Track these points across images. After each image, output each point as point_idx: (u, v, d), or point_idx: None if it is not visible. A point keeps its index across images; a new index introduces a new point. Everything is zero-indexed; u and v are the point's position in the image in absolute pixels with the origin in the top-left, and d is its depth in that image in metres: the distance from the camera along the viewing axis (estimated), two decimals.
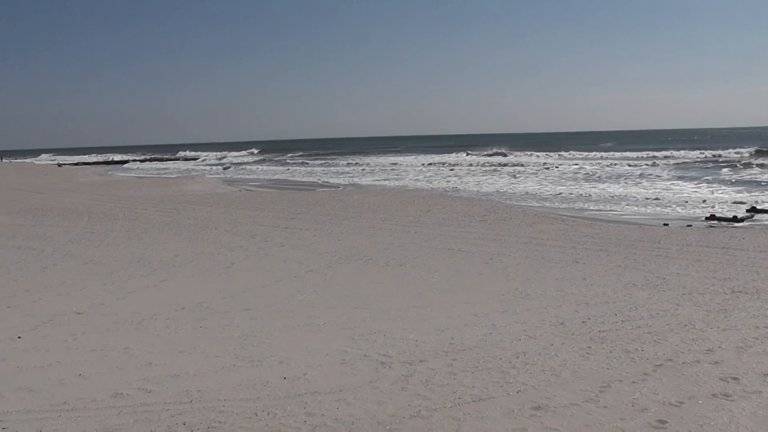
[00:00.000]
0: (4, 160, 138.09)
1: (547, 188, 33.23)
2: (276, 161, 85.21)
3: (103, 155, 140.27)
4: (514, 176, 42.98)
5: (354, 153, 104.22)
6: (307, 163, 75.89)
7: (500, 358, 7.89)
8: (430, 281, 12.24)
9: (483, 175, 44.60)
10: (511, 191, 32.31)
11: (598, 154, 66.15)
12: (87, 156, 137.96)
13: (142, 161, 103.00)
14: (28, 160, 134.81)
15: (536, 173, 44.64)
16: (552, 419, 6.18)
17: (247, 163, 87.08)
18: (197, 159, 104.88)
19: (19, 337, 9.09)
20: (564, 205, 25.65)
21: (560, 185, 34.79)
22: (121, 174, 64.50)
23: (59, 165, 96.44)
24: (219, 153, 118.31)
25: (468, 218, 21.09)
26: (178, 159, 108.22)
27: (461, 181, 39.65)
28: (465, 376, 7.36)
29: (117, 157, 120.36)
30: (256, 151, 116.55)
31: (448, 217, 21.37)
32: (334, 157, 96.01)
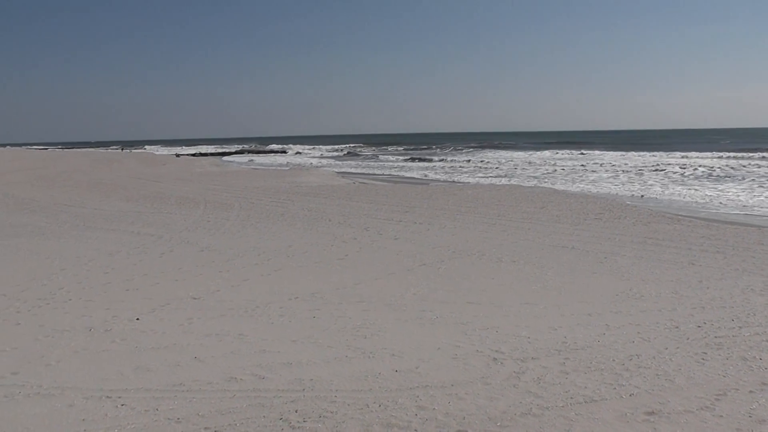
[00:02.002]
0: (124, 150, 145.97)
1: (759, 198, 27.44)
2: (377, 156, 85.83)
3: (203, 147, 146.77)
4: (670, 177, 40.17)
5: (467, 148, 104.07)
6: (415, 158, 76.17)
7: (613, 360, 7.76)
8: (543, 278, 12.08)
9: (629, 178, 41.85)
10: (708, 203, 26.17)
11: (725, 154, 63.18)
12: (188, 147, 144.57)
13: (238, 153, 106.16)
14: (145, 150, 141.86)
15: (690, 175, 41.11)
16: (665, 426, 6.04)
17: (358, 155, 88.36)
18: (286, 152, 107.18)
19: (138, 319, 9.58)
20: None
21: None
22: (236, 165, 66.74)
23: (177, 155, 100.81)
24: (311, 146, 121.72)
25: (582, 216, 20.67)
26: (272, 152, 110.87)
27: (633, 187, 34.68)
28: (577, 375, 7.27)
29: (208, 149, 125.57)
30: (342, 147, 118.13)
31: (562, 215, 20.99)
32: (443, 151, 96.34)
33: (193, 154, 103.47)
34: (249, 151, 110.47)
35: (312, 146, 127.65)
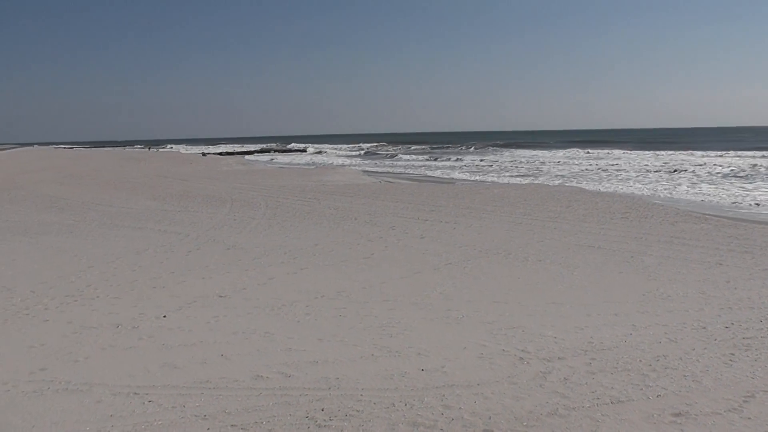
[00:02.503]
0: (151, 149, 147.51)
1: None
2: (398, 155, 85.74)
3: (224, 145, 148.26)
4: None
5: (487, 147, 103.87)
6: (437, 157, 76.07)
7: (640, 360, 7.70)
8: (569, 278, 12.01)
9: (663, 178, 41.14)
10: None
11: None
12: (212, 146, 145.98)
13: (260, 152, 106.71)
14: (171, 149, 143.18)
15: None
16: (693, 427, 5.99)
17: (382, 154, 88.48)
18: (305, 151, 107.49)
19: (165, 317, 9.67)
20: None
21: None
22: (262, 164, 67.09)
23: (203, 154, 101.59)
24: (329, 145, 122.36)
25: (609, 215, 20.50)
26: (292, 151, 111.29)
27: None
28: (604, 376, 7.23)
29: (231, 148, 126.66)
30: (361, 146, 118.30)
31: (588, 214, 20.83)
32: (464, 150, 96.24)
33: (219, 153, 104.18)
34: (270, 150, 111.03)
35: (330, 145, 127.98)
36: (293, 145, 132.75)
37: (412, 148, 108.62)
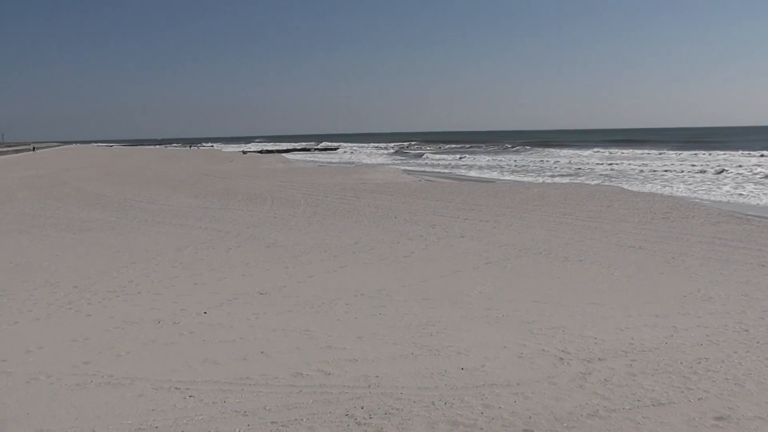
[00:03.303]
0: (192, 147, 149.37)
1: None
2: (427, 154, 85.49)
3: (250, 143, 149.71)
4: None
5: (527, 145, 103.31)
6: (474, 155, 75.75)
7: (681, 363, 7.61)
8: (609, 278, 11.91)
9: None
10: None
11: None
12: (247, 144, 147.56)
13: (297, 150, 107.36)
14: (212, 147, 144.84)
15: None
16: (735, 431, 5.91)
17: (415, 153, 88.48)
18: (337, 150, 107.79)
19: (205, 313, 9.80)
20: None
21: None
22: (302, 162, 67.49)
23: (243, 152, 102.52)
24: (358, 144, 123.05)
25: (650, 215, 20.24)
26: (326, 149, 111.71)
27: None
28: (644, 378, 7.16)
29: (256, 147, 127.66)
30: (391, 145, 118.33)
31: (629, 214, 20.60)
32: (494, 148, 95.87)
33: (259, 151, 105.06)
34: (311, 149, 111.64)
35: (358, 144, 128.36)
36: (326, 144, 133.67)
37: (445, 147, 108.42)
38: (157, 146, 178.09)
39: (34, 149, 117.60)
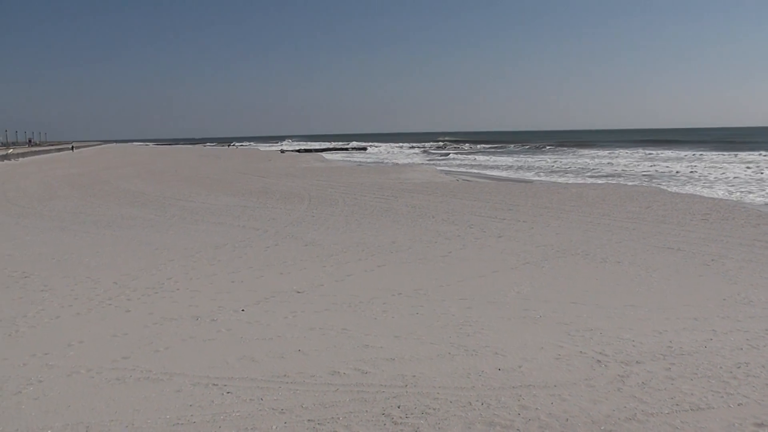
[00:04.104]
0: (230, 146, 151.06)
1: None
2: (454, 154, 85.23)
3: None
4: None
5: (562, 145, 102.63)
6: (510, 155, 75.40)
7: (720, 367, 7.50)
8: (648, 280, 11.77)
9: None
10: None
11: None
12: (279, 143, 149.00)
13: (331, 150, 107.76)
14: (251, 146, 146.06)
15: None
16: None
17: (433, 153, 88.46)
18: (365, 149, 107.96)
19: (243, 310, 9.89)
20: None
21: None
22: (340, 161, 67.71)
23: (282, 151, 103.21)
24: (393, 143, 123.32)
25: (689, 216, 19.96)
26: (354, 149, 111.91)
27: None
28: (683, 382, 7.07)
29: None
30: (419, 145, 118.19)
31: (668, 215, 20.33)
32: (538, 147, 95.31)
33: (297, 150, 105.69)
34: (348, 149, 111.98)
35: (388, 144, 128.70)
36: (354, 144, 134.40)
37: (477, 146, 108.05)
38: (194, 146, 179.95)
39: (72, 148, 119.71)
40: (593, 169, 49.22)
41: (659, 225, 18.28)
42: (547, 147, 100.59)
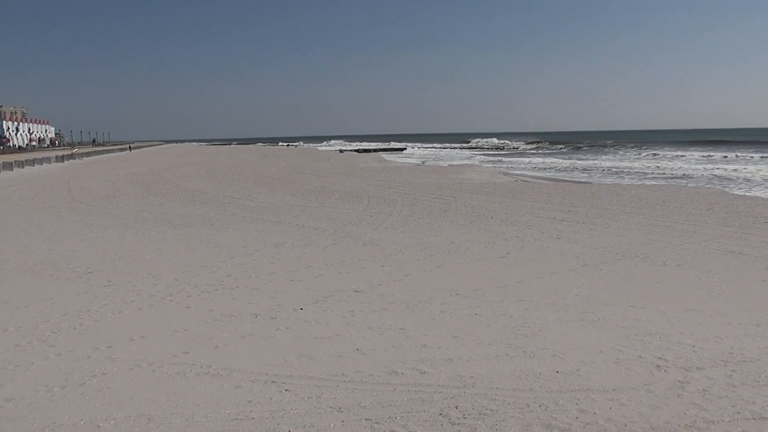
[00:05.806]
0: (289, 146, 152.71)
1: None
2: (527, 155, 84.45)
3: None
4: None
5: (616, 146, 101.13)
6: (569, 156, 74.52)
7: None
8: (708, 284, 11.54)
9: None
10: None
11: None
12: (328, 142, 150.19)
13: (374, 150, 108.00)
14: (310, 146, 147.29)
15: None
16: None
17: (513, 154, 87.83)
18: (404, 149, 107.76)
19: (302, 309, 10.01)
20: None
21: None
22: (398, 162, 67.82)
23: (341, 151, 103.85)
24: (436, 144, 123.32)
25: (751, 219, 19.45)
26: (393, 150, 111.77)
27: None
28: (745, 389, 6.93)
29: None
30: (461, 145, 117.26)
31: (729, 217, 19.84)
32: (600, 147, 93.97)
33: (356, 150, 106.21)
34: (405, 149, 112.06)
35: (428, 144, 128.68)
36: (392, 144, 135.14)
37: (529, 149, 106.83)
38: (248, 145, 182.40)
39: (130, 148, 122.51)
40: (654, 169, 48.37)
41: (720, 227, 17.89)
42: (602, 147, 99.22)
